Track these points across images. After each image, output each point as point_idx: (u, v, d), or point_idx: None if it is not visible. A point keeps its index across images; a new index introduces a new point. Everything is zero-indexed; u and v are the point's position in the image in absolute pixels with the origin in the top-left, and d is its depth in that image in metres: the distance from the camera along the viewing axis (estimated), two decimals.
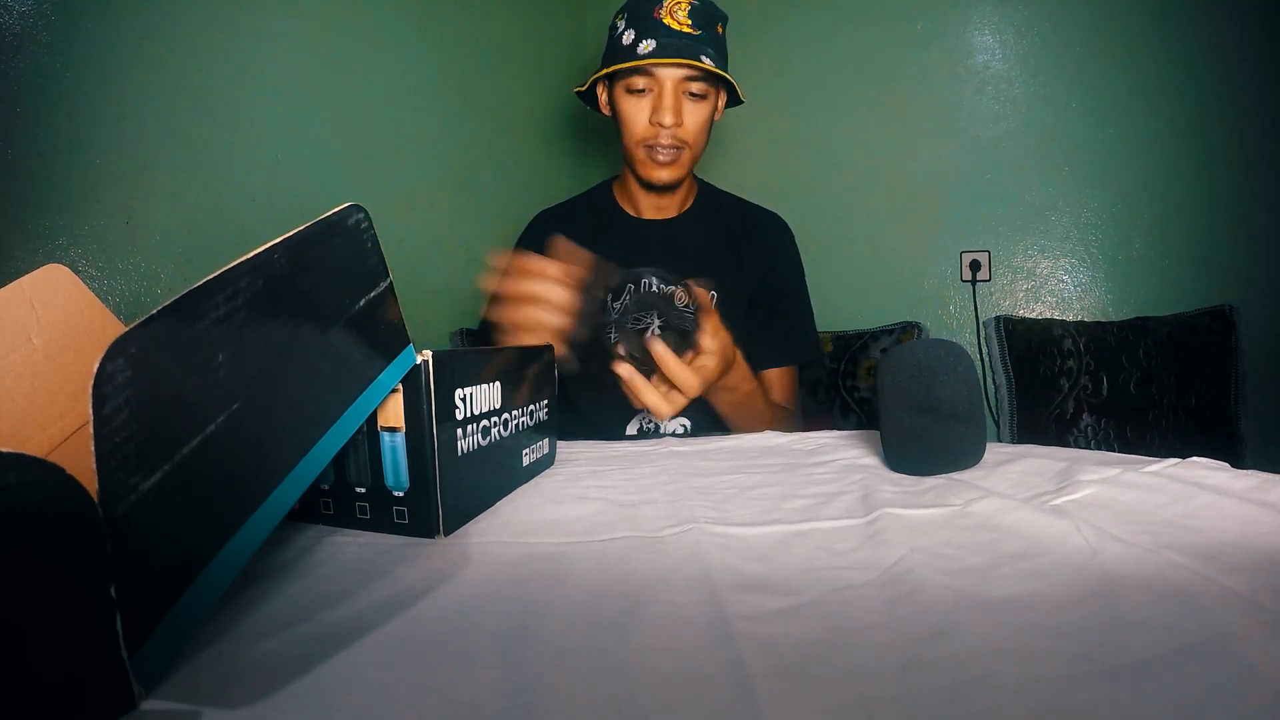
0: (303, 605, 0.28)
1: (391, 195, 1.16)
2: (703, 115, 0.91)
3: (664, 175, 0.93)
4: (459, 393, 0.38)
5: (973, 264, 1.56)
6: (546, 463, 0.52)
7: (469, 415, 0.39)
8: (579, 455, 0.58)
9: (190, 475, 0.22)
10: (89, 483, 0.19)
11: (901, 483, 0.45)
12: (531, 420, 0.48)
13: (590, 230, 0.98)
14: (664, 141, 0.90)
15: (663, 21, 0.87)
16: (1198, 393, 1.30)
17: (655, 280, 0.66)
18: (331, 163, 1.04)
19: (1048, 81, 1.51)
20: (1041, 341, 1.32)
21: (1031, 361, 1.31)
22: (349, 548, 0.35)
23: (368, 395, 0.33)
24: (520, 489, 0.46)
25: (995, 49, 1.54)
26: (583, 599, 0.28)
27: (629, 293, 0.66)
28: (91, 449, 0.19)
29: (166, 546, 0.22)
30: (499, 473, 0.44)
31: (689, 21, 0.87)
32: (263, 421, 0.26)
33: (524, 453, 0.47)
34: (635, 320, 0.65)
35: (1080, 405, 1.30)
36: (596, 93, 0.97)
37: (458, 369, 0.38)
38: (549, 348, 0.52)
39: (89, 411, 0.19)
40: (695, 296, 0.66)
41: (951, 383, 0.45)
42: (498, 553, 0.34)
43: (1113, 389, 1.30)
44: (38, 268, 0.35)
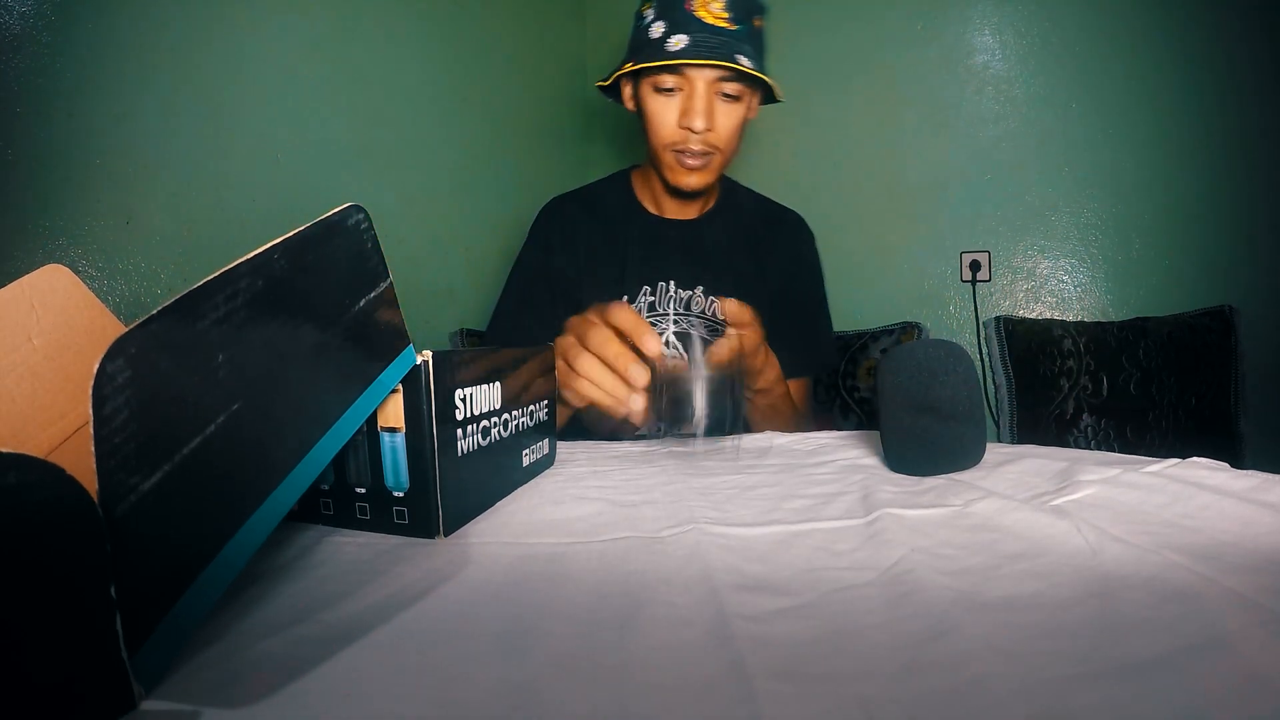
0: (303, 605, 0.28)
1: (391, 195, 1.16)
2: (736, 117, 0.84)
3: (692, 181, 0.86)
4: (459, 393, 0.38)
5: (973, 264, 1.56)
6: (546, 463, 0.52)
7: (469, 415, 0.39)
8: (579, 455, 0.58)
9: (190, 475, 0.22)
10: (89, 483, 0.19)
11: (901, 483, 0.45)
12: (531, 420, 0.48)
13: (607, 225, 0.95)
14: (694, 146, 0.83)
15: (695, 14, 0.78)
16: (1197, 393, 1.31)
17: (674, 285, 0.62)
18: (331, 163, 1.04)
19: (1048, 82, 1.51)
20: (1041, 342, 1.32)
21: (1031, 362, 1.31)
22: (349, 548, 0.35)
23: (368, 395, 0.33)
24: (520, 489, 0.46)
25: (995, 49, 1.54)
26: (583, 599, 0.28)
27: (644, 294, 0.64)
28: (91, 449, 0.19)
29: (166, 547, 0.22)
30: (499, 473, 0.44)
31: (725, 15, 0.79)
32: (263, 422, 0.26)
33: (524, 453, 0.47)
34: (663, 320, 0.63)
35: (1080, 405, 1.30)
36: (620, 85, 0.89)
37: (458, 369, 0.38)
38: (549, 348, 0.52)
39: (89, 412, 0.19)
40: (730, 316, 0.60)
41: (951, 383, 0.45)
42: (498, 553, 0.34)
43: (1113, 389, 1.30)
44: (38, 268, 0.35)
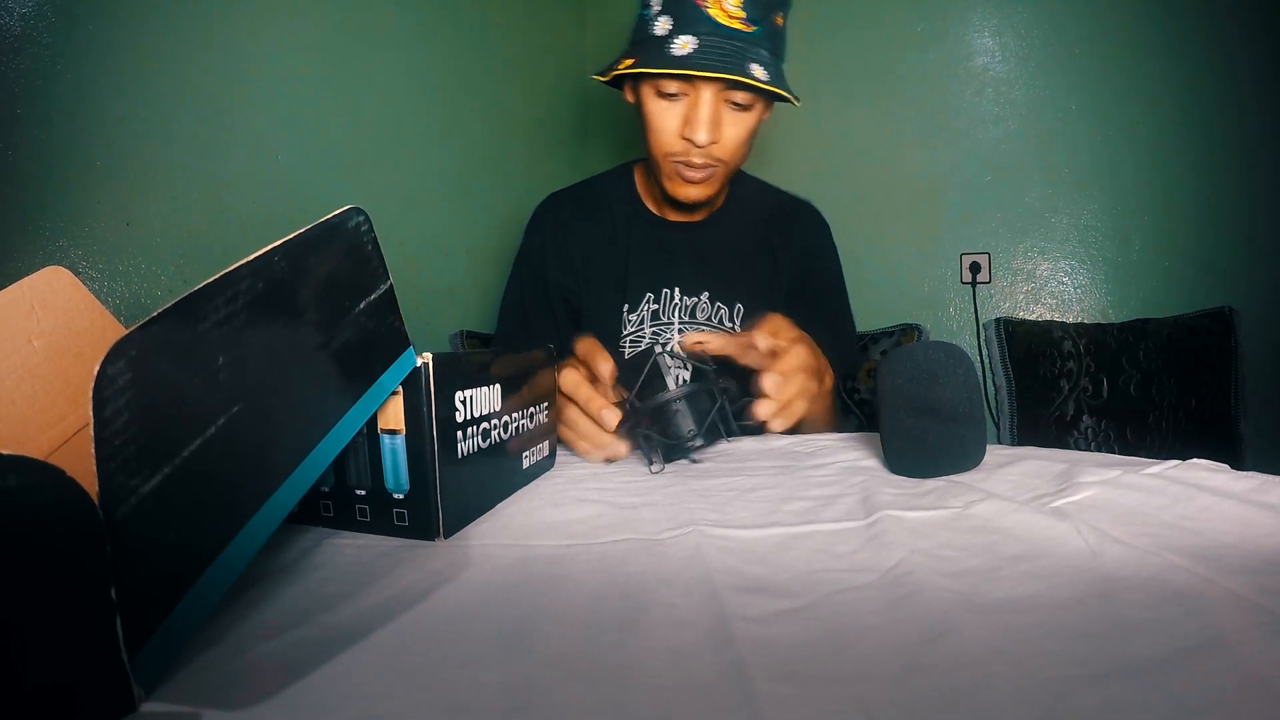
0: (303, 607, 0.28)
1: (391, 195, 1.16)
2: (745, 127, 0.75)
3: (692, 194, 0.79)
4: (459, 395, 0.38)
5: (973, 266, 1.56)
6: (546, 465, 0.52)
7: (469, 418, 0.39)
8: (579, 457, 0.58)
9: (190, 478, 0.22)
10: (89, 485, 0.19)
11: (902, 485, 0.45)
12: (532, 423, 0.48)
13: (608, 226, 0.90)
14: (695, 160, 0.75)
15: (707, 11, 0.68)
16: (1197, 394, 1.31)
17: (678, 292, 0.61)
18: (331, 163, 1.04)
19: (1048, 83, 1.51)
20: (1041, 343, 1.33)
21: (1031, 363, 1.31)
22: (349, 550, 0.35)
23: (368, 398, 0.33)
24: (520, 491, 0.46)
25: (995, 51, 1.54)
26: (583, 601, 0.28)
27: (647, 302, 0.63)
28: (92, 451, 0.19)
29: (167, 549, 0.22)
30: (499, 475, 0.44)
31: (741, 13, 0.68)
32: (263, 424, 0.26)
33: (524, 455, 0.47)
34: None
35: (1080, 407, 1.30)
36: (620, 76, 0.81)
37: (458, 371, 0.38)
38: (549, 348, 0.52)
39: (89, 414, 0.19)
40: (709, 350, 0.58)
41: (951, 385, 0.45)
42: (498, 555, 0.34)
43: (1113, 391, 1.30)
44: (38, 270, 0.35)
